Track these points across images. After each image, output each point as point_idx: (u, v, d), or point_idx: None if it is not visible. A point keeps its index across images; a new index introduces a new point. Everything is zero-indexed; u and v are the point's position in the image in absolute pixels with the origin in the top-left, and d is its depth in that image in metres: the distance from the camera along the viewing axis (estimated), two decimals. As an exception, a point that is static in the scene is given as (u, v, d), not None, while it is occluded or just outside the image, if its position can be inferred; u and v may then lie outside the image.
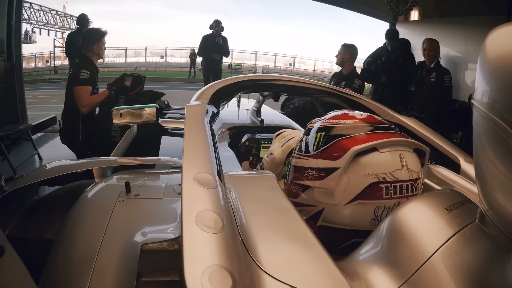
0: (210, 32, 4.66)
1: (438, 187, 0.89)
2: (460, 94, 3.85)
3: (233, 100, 1.92)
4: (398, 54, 3.92)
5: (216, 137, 1.26)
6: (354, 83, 2.89)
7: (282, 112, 2.87)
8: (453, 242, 0.49)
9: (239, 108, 2.07)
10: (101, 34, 2.48)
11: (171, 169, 1.31)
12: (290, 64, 21.48)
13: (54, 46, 17.01)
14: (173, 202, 0.92)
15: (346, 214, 0.66)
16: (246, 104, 2.14)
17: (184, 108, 0.96)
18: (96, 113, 2.45)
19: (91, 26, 4.02)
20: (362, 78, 3.09)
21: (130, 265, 0.65)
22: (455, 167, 0.97)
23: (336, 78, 3.14)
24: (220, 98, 1.15)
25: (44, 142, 4.11)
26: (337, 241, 0.66)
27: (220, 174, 0.61)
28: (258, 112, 1.99)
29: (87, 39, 2.46)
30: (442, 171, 0.96)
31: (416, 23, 5.10)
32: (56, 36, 17.95)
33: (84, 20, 4.19)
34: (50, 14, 18.00)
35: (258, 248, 0.51)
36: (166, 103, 3.17)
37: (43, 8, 17.39)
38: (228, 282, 0.39)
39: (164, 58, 20.34)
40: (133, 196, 0.92)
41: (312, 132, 0.73)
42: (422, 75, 3.42)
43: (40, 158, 3.53)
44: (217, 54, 4.57)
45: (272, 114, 2.15)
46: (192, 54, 15.25)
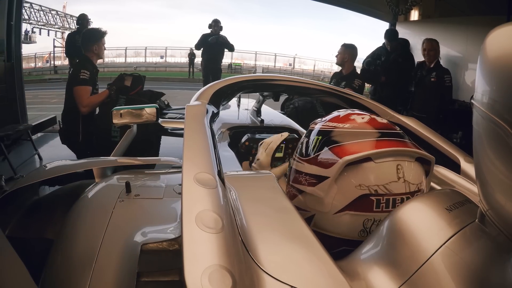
0: (209, 31, 4.69)
1: (438, 187, 0.89)
2: (460, 94, 3.84)
3: (233, 100, 1.92)
4: (397, 54, 3.92)
5: (216, 137, 1.26)
6: (354, 83, 2.89)
7: (282, 112, 2.87)
8: (453, 242, 0.49)
9: (239, 108, 2.07)
10: (100, 34, 2.48)
11: (171, 169, 1.31)
12: (290, 64, 21.46)
13: (54, 46, 17.01)
14: (173, 202, 0.92)
15: (335, 223, 0.65)
16: (246, 104, 2.13)
17: (184, 108, 0.96)
18: (96, 113, 2.45)
19: (91, 26, 4.02)
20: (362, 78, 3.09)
21: (130, 265, 0.64)
22: (455, 167, 0.97)
23: (336, 78, 3.13)
24: (220, 98, 1.15)
25: (44, 142, 4.11)
26: (328, 247, 0.66)
27: (220, 174, 0.61)
28: (258, 112, 1.99)
29: (86, 39, 2.46)
30: (442, 171, 0.96)
31: (416, 23, 5.09)
32: (56, 36, 17.97)
33: (84, 20, 4.18)
34: (50, 14, 18.00)
35: (258, 248, 0.51)
36: (166, 103, 3.17)
37: (43, 8, 17.39)
38: (228, 282, 0.39)
39: (164, 58, 20.33)
40: (133, 196, 0.92)
41: (312, 135, 0.72)
42: (422, 75, 3.42)
43: (40, 158, 3.53)
44: (214, 38, 4.59)
45: (272, 114, 2.15)
46: (191, 54, 15.25)
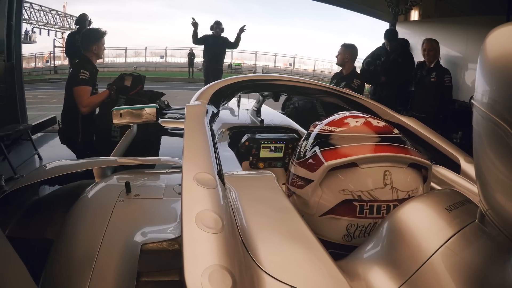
0: (210, 33, 4.70)
1: (438, 187, 0.89)
2: (460, 94, 3.84)
3: (233, 100, 1.92)
4: (397, 54, 3.92)
5: (216, 137, 1.26)
6: (353, 83, 2.89)
7: (282, 112, 2.87)
8: (453, 242, 0.49)
9: (239, 108, 2.07)
10: (100, 34, 2.47)
11: (171, 169, 1.31)
12: (290, 64, 21.44)
13: (54, 46, 16.99)
14: (173, 202, 0.92)
15: (320, 226, 0.66)
16: (246, 104, 2.13)
17: (184, 108, 0.96)
18: (96, 113, 2.44)
19: (91, 26, 4.01)
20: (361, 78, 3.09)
21: (130, 265, 0.64)
22: (455, 167, 0.97)
23: (337, 78, 3.13)
24: (220, 98, 1.15)
25: (44, 142, 4.11)
26: None
27: (220, 174, 0.61)
28: (258, 112, 1.99)
29: (86, 39, 2.46)
30: (442, 171, 0.96)
31: (416, 23, 5.09)
32: (56, 36, 17.94)
33: (84, 20, 4.18)
34: (50, 14, 17.98)
35: (258, 248, 0.51)
36: (166, 103, 3.17)
37: (43, 8, 17.37)
38: (228, 282, 0.39)
39: (164, 58, 20.31)
40: (133, 196, 0.92)
41: (308, 138, 0.74)
42: (422, 75, 3.41)
43: (40, 158, 3.53)
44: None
45: (272, 114, 2.14)
46: (191, 54, 15.24)
